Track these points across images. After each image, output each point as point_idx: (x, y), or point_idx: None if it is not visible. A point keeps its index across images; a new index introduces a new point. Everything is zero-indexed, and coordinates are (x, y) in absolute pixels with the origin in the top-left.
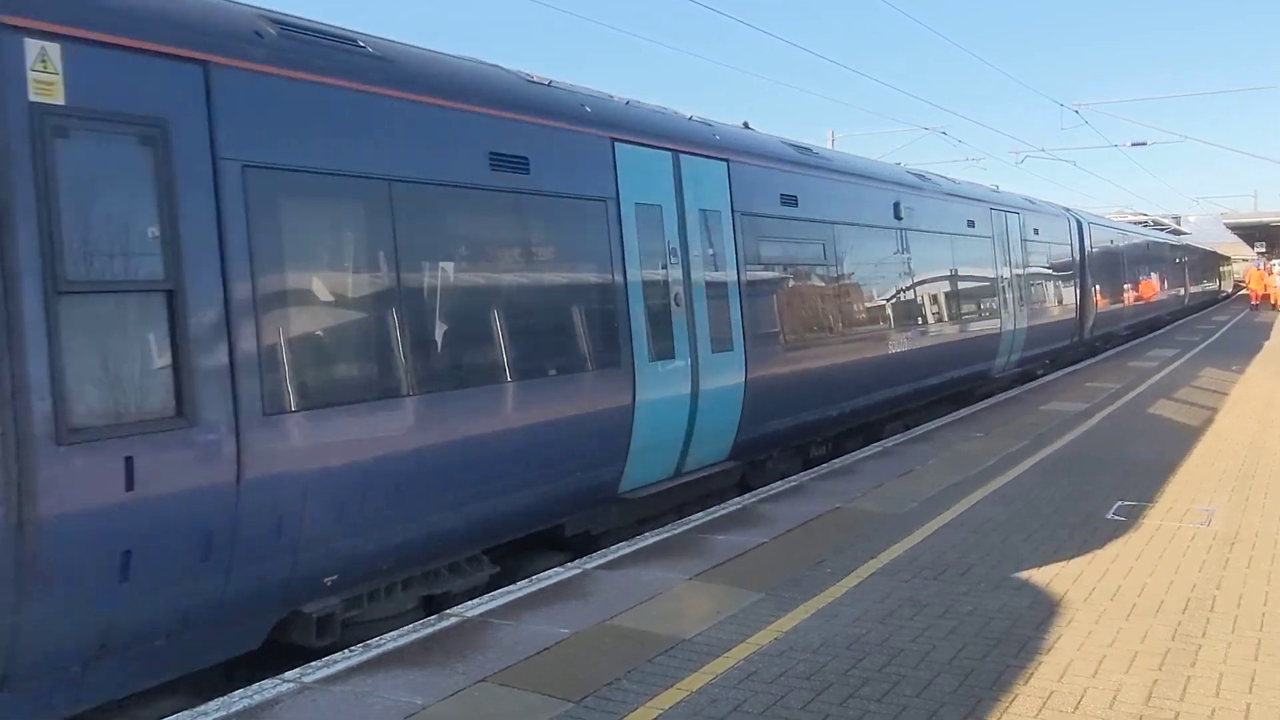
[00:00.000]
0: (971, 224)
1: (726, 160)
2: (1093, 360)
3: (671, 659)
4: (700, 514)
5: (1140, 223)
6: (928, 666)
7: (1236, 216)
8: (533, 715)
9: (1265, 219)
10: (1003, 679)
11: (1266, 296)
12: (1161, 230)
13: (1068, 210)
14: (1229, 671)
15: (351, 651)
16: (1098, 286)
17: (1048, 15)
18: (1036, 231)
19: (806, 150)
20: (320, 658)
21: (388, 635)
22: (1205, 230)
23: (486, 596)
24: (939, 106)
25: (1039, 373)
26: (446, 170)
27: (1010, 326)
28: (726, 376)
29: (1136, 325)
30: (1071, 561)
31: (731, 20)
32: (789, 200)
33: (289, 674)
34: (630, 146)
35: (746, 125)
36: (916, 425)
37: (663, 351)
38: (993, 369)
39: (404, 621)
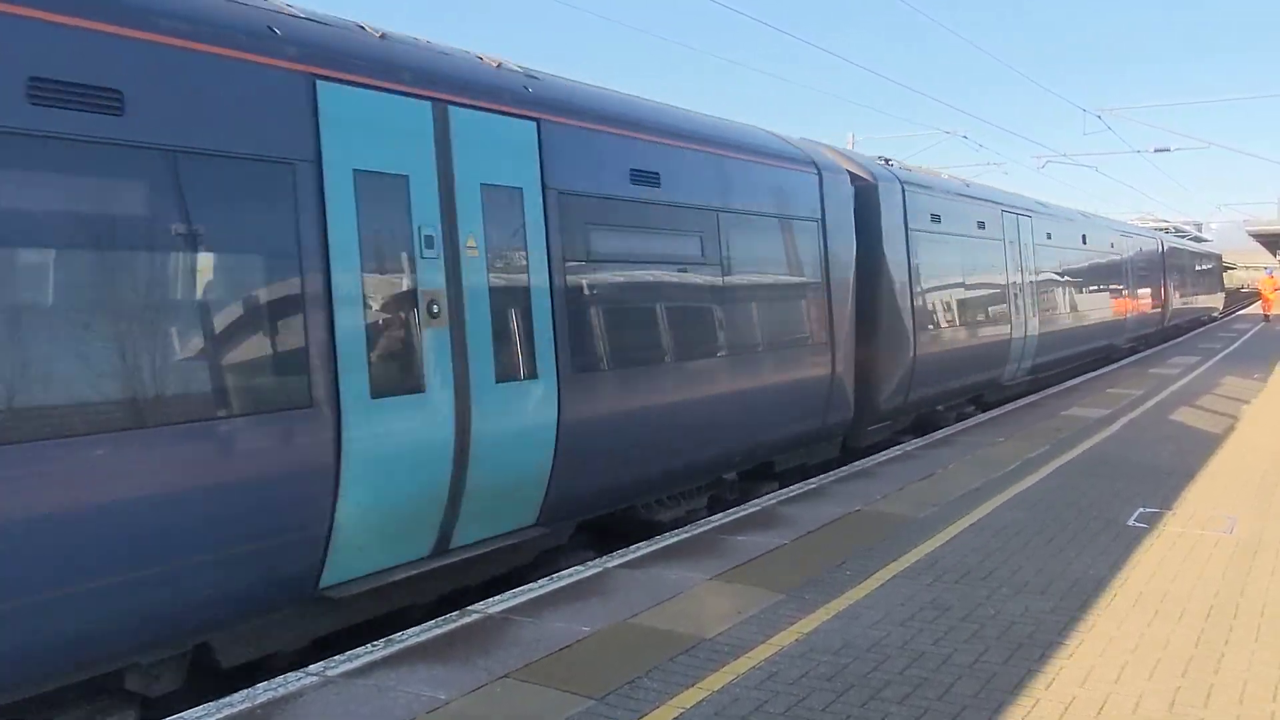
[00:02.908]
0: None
1: (537, 120)
2: (1112, 368)
3: (693, 658)
4: (720, 515)
5: (1161, 229)
6: (949, 670)
7: (1259, 224)
8: (555, 712)
9: None
10: (1025, 684)
11: None
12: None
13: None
14: (1253, 679)
15: (374, 646)
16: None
17: (1071, 20)
18: None
19: (685, 115)
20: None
21: (410, 630)
22: (1227, 237)
23: (508, 594)
24: (961, 110)
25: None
26: None
27: None
28: (525, 414)
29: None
30: (1093, 567)
31: (753, 21)
32: (645, 178)
33: (313, 667)
34: (346, 88)
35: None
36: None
37: (398, 383)
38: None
39: None
